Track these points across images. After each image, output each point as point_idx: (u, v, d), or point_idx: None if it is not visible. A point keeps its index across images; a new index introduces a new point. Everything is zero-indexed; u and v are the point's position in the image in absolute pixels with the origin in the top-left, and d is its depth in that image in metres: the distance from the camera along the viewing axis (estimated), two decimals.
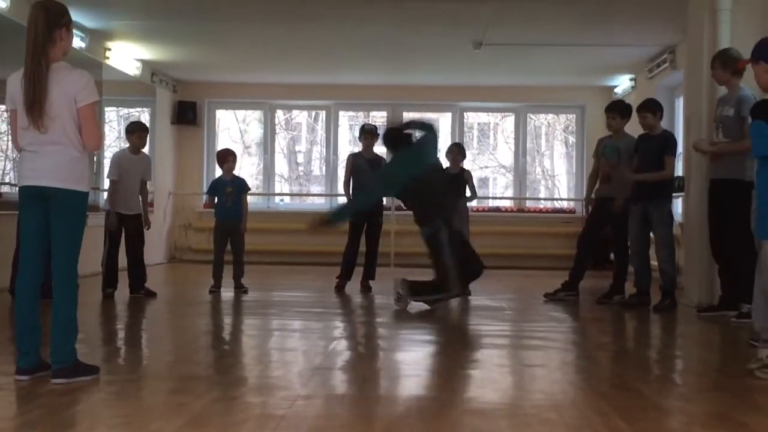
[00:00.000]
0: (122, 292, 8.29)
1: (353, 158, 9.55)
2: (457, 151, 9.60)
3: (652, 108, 7.96)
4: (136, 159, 8.47)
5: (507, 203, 14.89)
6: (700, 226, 7.66)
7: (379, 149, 9.43)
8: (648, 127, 7.96)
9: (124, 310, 7.66)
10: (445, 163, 9.59)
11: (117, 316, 7.47)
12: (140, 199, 8.53)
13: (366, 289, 9.26)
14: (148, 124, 9.80)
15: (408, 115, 13.01)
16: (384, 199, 9.68)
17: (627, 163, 8.24)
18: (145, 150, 8.72)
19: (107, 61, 11.27)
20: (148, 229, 8.80)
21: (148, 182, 8.76)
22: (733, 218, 6.73)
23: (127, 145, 8.59)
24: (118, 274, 8.32)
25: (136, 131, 8.52)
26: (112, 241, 8.29)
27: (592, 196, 8.82)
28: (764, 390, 4.33)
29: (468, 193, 9.65)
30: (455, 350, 5.85)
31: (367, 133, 9.46)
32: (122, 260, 8.41)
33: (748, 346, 5.54)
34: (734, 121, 6.84)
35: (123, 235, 8.33)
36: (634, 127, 8.68)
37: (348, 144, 14.88)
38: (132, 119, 10.93)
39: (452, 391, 4.37)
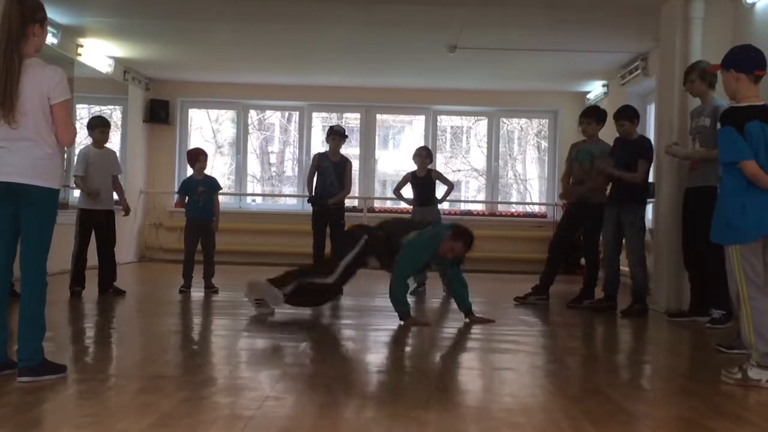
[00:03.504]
0: (91, 291, 8.22)
1: (318, 159, 9.47)
2: (425, 154, 9.63)
3: (629, 116, 8.03)
4: (102, 154, 8.41)
5: (479, 207, 14.92)
6: (670, 233, 7.75)
7: (346, 151, 9.36)
8: (625, 133, 8.04)
9: (92, 309, 7.59)
10: (413, 167, 9.74)
11: (85, 314, 7.41)
12: (115, 192, 8.54)
13: None
14: (119, 123, 9.73)
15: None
16: (345, 201, 9.65)
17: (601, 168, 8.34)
18: (115, 147, 8.65)
19: (79, 58, 11.16)
20: (125, 215, 8.83)
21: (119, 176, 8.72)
22: (706, 226, 6.77)
23: (90, 141, 8.53)
24: (86, 272, 8.25)
25: (98, 126, 8.46)
26: (83, 238, 8.22)
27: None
28: (731, 395, 4.37)
29: (439, 195, 9.80)
30: (424, 352, 5.86)
31: (336, 134, 9.40)
32: (93, 258, 8.34)
33: (716, 352, 5.60)
34: (710, 131, 6.91)
35: (94, 231, 8.27)
36: (607, 133, 8.74)
37: (321, 145, 14.81)
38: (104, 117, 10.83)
39: (421, 393, 4.36)
